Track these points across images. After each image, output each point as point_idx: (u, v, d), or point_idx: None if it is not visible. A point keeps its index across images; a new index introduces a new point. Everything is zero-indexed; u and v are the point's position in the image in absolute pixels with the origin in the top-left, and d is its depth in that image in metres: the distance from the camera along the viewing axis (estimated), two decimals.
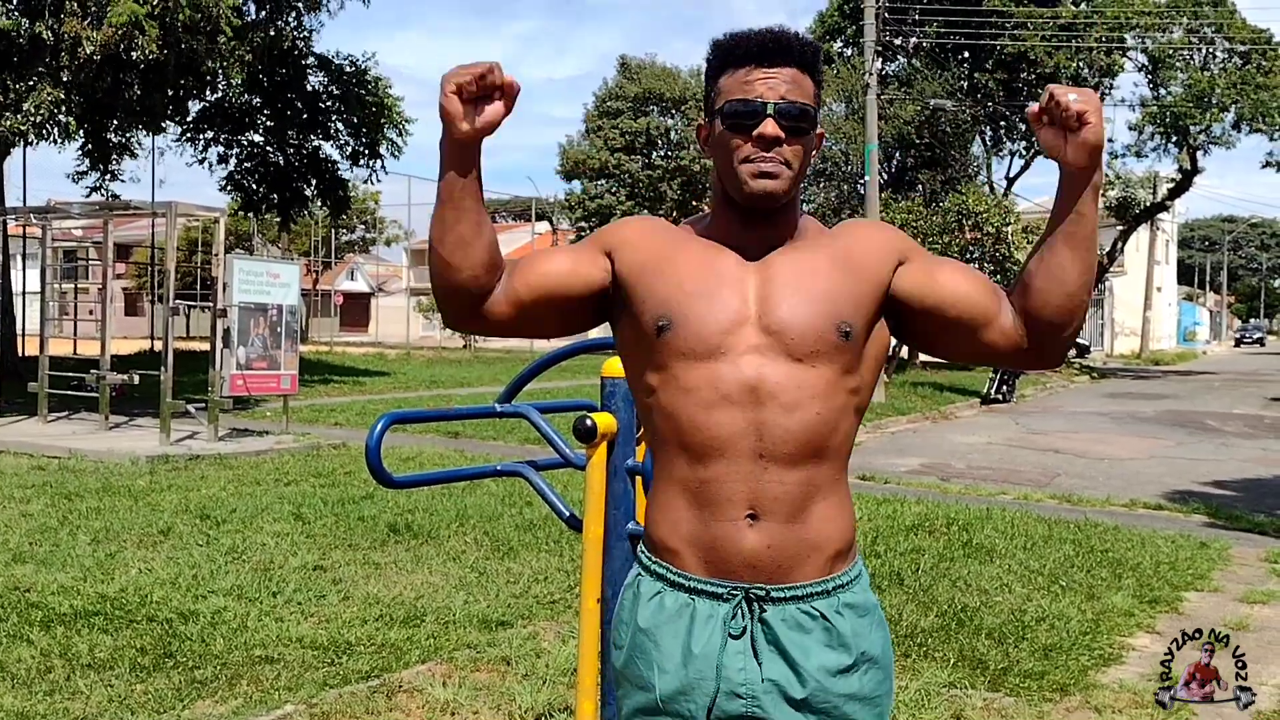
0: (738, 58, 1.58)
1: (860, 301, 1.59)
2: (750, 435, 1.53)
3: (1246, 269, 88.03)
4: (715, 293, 1.56)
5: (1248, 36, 27.74)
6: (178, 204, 11.42)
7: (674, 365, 1.57)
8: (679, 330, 1.55)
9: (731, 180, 1.58)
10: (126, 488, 8.03)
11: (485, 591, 5.30)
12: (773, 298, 1.56)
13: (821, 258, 1.60)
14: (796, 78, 1.57)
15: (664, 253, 1.62)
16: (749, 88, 1.55)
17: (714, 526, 1.55)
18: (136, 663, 4.17)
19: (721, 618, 1.55)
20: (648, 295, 1.60)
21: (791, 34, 1.59)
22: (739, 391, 1.53)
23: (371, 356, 30.38)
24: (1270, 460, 12.23)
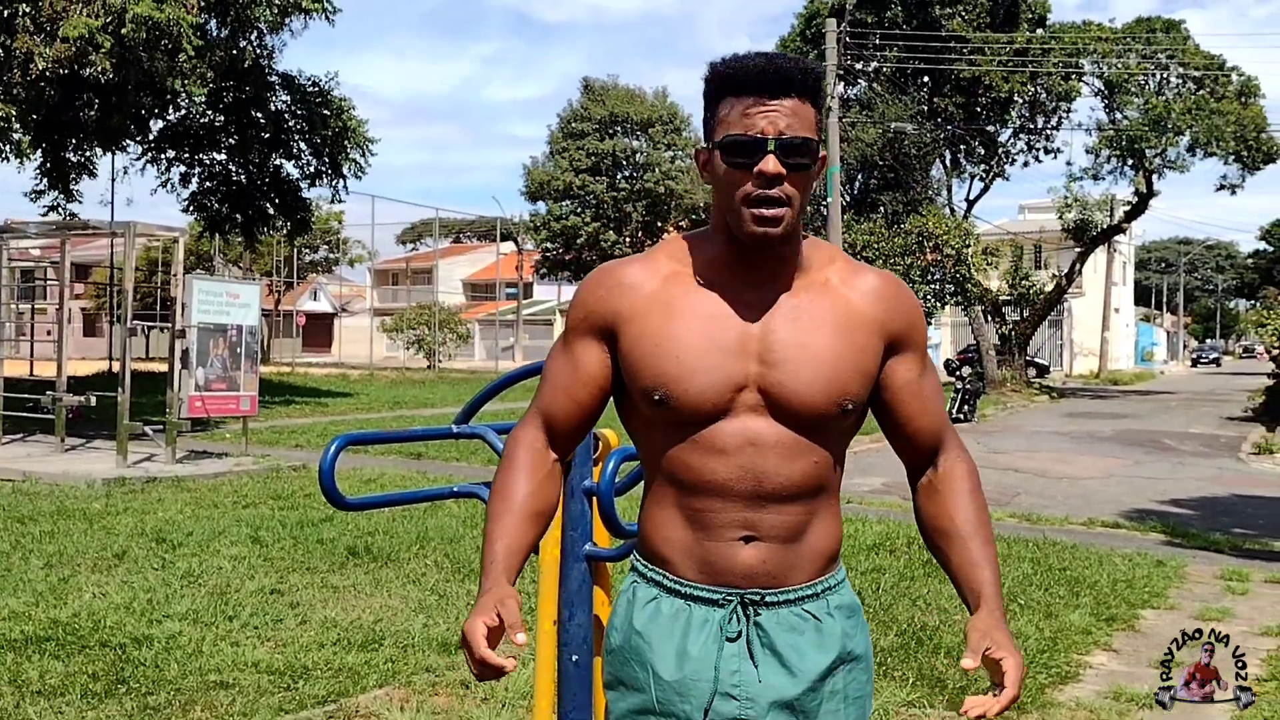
0: (738, 87, 1.53)
1: (861, 377, 1.59)
2: (748, 481, 1.55)
3: (1202, 290, 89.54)
4: (714, 364, 1.54)
5: (1201, 62, 28.35)
6: (136, 224, 11.30)
7: (670, 425, 1.57)
8: (675, 404, 1.55)
9: (732, 218, 1.54)
10: (81, 511, 7.91)
11: (445, 614, 5.26)
12: (776, 366, 1.54)
13: (825, 320, 1.58)
14: (798, 109, 1.52)
15: (660, 320, 1.57)
16: (749, 121, 1.51)
17: (709, 545, 1.57)
18: (88, 689, 4.10)
19: (717, 621, 1.57)
20: (643, 369, 1.57)
21: (793, 63, 1.55)
22: (736, 445, 1.55)
23: (334, 377, 30.15)
24: (1225, 479, 12.41)
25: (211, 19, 15.65)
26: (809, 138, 1.52)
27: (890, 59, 28.03)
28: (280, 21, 16.27)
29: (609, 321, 1.61)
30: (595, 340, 1.63)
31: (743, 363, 1.54)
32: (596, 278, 1.65)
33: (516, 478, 1.62)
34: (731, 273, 1.58)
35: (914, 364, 1.66)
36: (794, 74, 1.53)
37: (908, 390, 1.65)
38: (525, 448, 1.65)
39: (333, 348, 49.40)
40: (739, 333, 1.55)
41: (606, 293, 1.62)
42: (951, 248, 23.68)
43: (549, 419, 1.66)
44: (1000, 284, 30.66)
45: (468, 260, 63.14)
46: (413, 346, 37.51)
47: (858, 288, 1.62)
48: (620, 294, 1.61)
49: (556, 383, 1.66)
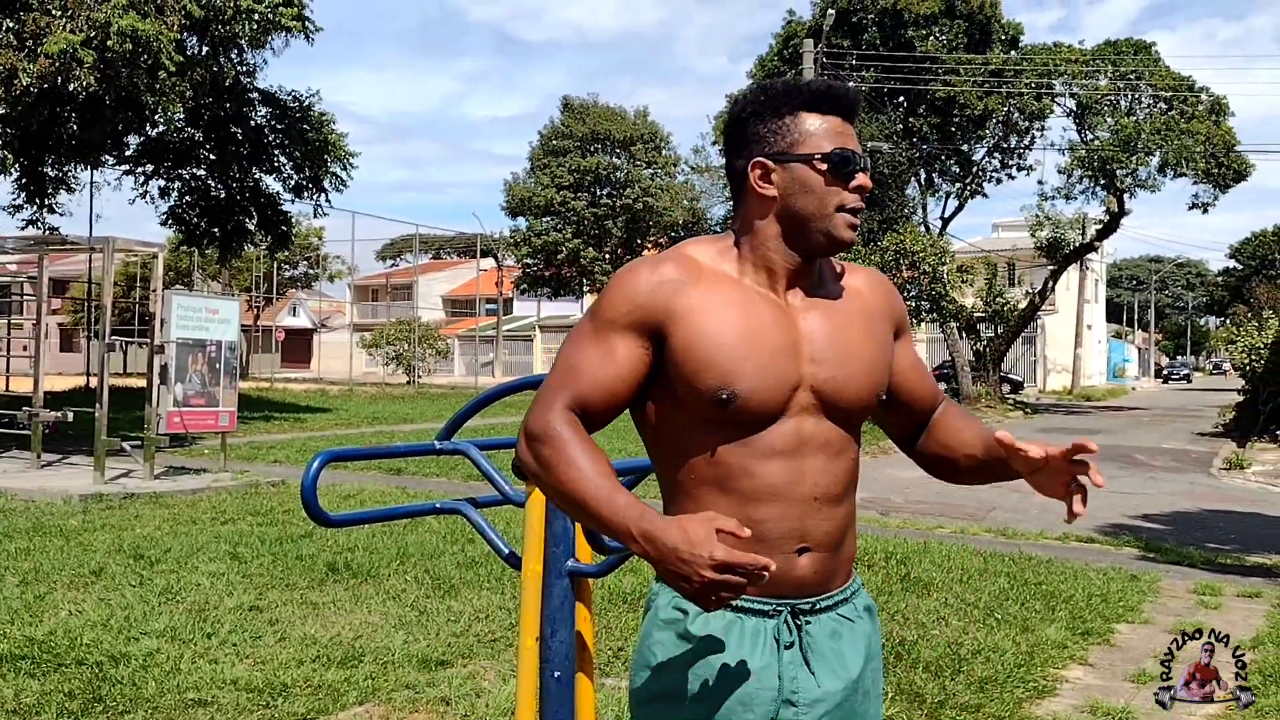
0: (826, 106, 1.63)
1: (886, 366, 1.72)
2: (805, 482, 1.60)
3: (1173, 307, 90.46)
4: (773, 364, 1.58)
5: (1171, 83, 28.73)
6: (115, 239, 11.25)
7: (730, 426, 1.58)
8: (743, 402, 1.56)
9: (821, 222, 1.61)
10: (58, 527, 7.85)
11: (425, 631, 5.25)
12: (823, 366, 1.62)
13: (851, 317, 1.68)
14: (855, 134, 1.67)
15: (718, 319, 1.58)
16: (845, 139, 1.62)
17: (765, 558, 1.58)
18: (64, 707, 4.07)
19: (770, 631, 1.60)
20: (707, 367, 1.56)
21: (860, 94, 1.72)
22: (792, 445, 1.59)
23: (313, 393, 30.01)
24: (1198, 494, 12.55)
25: (192, 36, 15.64)
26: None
27: (867, 79, 28.27)
28: (261, 39, 16.27)
29: (659, 318, 1.58)
30: (639, 336, 1.59)
31: (796, 361, 1.60)
32: (642, 273, 1.61)
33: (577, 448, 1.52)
34: (769, 277, 1.64)
35: (910, 345, 1.81)
36: (858, 105, 1.67)
37: (913, 369, 1.79)
38: (569, 424, 1.55)
39: (312, 363, 49.17)
40: (787, 332, 1.61)
41: (657, 289, 1.59)
42: (928, 265, 23.87)
43: (583, 408, 1.58)
44: (975, 301, 30.90)
45: (447, 276, 63.05)
46: (392, 362, 37.39)
47: (866, 284, 1.75)
48: (672, 291, 1.59)
49: (592, 374, 1.58)
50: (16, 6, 13.18)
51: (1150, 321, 78.17)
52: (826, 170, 1.60)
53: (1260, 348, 22.60)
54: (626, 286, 1.60)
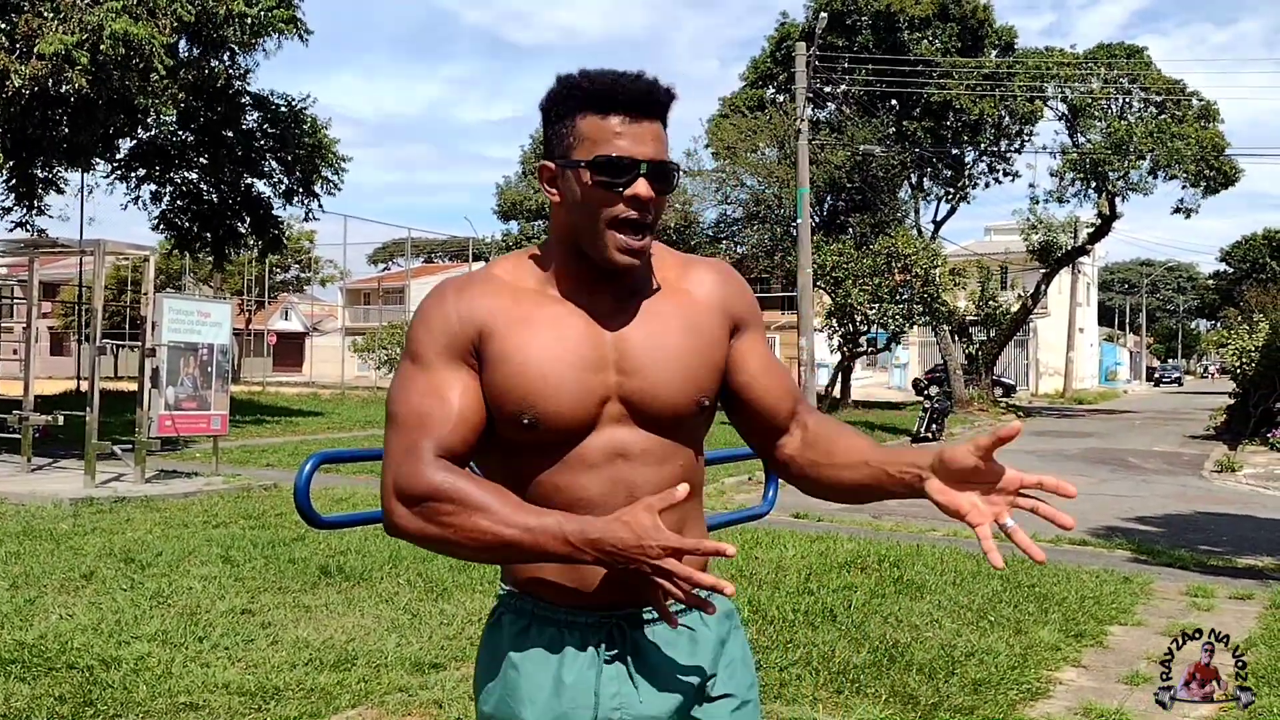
0: (604, 104, 1.47)
1: (714, 371, 1.59)
2: (619, 493, 1.51)
3: (1164, 311, 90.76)
4: (579, 380, 1.50)
5: (1163, 86, 28.85)
6: (106, 242, 11.22)
7: (539, 444, 1.52)
8: (546, 424, 1.49)
9: (591, 240, 1.50)
10: (48, 531, 7.81)
11: (418, 633, 5.24)
12: (633, 374, 1.52)
13: (674, 322, 1.56)
14: (660, 133, 1.50)
15: (520, 339, 1.50)
16: (620, 142, 1.46)
17: (581, 569, 1.50)
18: (55, 712, 4.05)
19: (592, 645, 1.53)
20: (509, 390, 1.49)
21: (661, 86, 1.50)
22: (605, 457, 1.52)
23: (305, 396, 29.94)
24: (1190, 496, 12.58)
25: (183, 38, 15.61)
26: (674, 163, 1.51)
27: (859, 82, 28.34)
28: (252, 41, 16.25)
29: (471, 340, 1.52)
30: (463, 361, 1.51)
31: (603, 374, 1.51)
32: (444, 298, 1.55)
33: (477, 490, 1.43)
34: (578, 286, 1.55)
35: (759, 342, 1.67)
36: (661, 98, 1.50)
37: (763, 369, 1.65)
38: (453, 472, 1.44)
39: (304, 367, 49.09)
40: (595, 345, 1.52)
41: (464, 312, 1.53)
42: (920, 268, 23.91)
43: (451, 451, 1.47)
44: (967, 304, 30.97)
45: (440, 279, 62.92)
46: (384, 366, 37.32)
47: (695, 280, 1.62)
48: (478, 312, 1.52)
49: (444, 416, 1.48)
50: (8, 8, 13.15)
51: (1142, 325, 78.42)
52: (594, 179, 1.46)
53: (1251, 351, 22.68)
54: (437, 317, 1.53)
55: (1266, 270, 59.52)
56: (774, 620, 5.60)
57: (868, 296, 23.59)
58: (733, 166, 27.41)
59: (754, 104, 29.51)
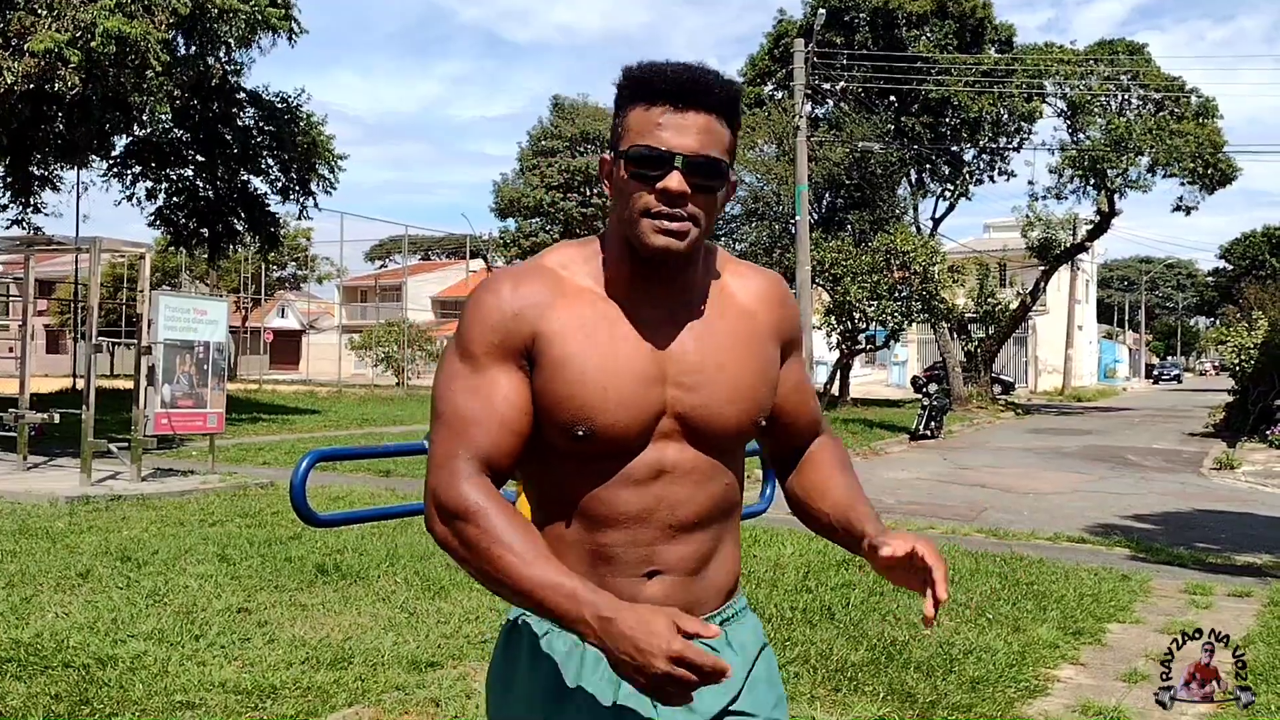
0: (650, 94, 1.43)
1: (771, 390, 1.56)
2: (660, 510, 1.47)
3: (1163, 308, 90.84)
4: (634, 394, 1.45)
5: (1162, 84, 28.83)
6: (102, 239, 11.20)
7: (584, 455, 1.47)
8: (600, 436, 1.44)
9: (631, 229, 1.44)
10: (44, 529, 7.79)
11: (415, 632, 5.22)
12: (692, 389, 1.47)
13: (732, 335, 1.52)
14: (710, 125, 1.43)
15: (579, 346, 1.45)
16: (658, 133, 1.41)
17: (610, 582, 1.46)
18: (51, 710, 4.04)
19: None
20: (566, 399, 1.44)
21: (712, 75, 1.44)
22: (650, 474, 1.47)
23: (302, 394, 29.91)
24: (1188, 494, 12.58)
25: (179, 35, 15.58)
26: (719, 158, 1.43)
27: (858, 79, 28.32)
28: (248, 38, 16.23)
29: (526, 343, 1.46)
30: (514, 363, 1.46)
31: (659, 389, 1.46)
32: (502, 293, 1.48)
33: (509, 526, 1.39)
34: (634, 290, 1.49)
35: (800, 364, 1.66)
36: (712, 87, 1.43)
37: (797, 390, 1.64)
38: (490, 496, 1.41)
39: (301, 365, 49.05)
40: (652, 357, 1.47)
41: (521, 310, 1.47)
42: (919, 265, 23.90)
43: (489, 463, 1.44)
44: (966, 302, 30.96)
45: (437, 278, 62.95)
46: (381, 364, 37.31)
47: (754, 294, 1.57)
48: (533, 311, 1.46)
49: (487, 419, 1.44)
50: (2, 6, 13.12)
51: (1141, 322, 78.47)
52: (628, 170, 1.42)
53: (1250, 348, 22.69)
54: (490, 311, 1.47)
55: (1266, 267, 59.53)
56: (772, 618, 5.59)
57: (866, 294, 23.59)
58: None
59: (752, 101, 29.49)
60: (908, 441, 19.31)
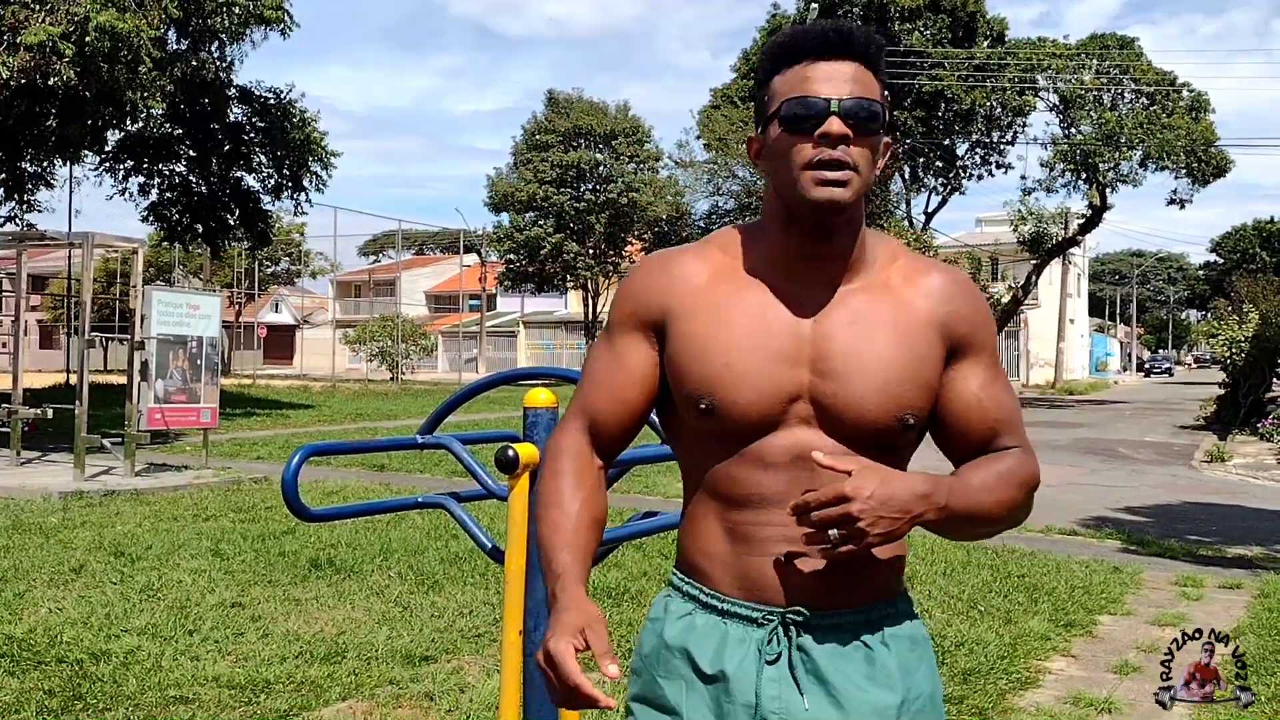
0: (793, 54, 1.41)
1: (922, 389, 1.46)
2: (795, 495, 1.39)
3: (1154, 301, 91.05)
4: (765, 369, 1.42)
5: (1154, 78, 28.89)
6: (95, 235, 11.16)
7: (716, 433, 1.46)
8: (723, 413, 1.43)
9: (791, 190, 1.40)
10: (37, 525, 7.79)
11: (409, 626, 5.24)
12: (830, 376, 1.42)
13: (883, 325, 1.45)
14: (860, 74, 1.39)
15: (709, 320, 1.45)
16: (808, 84, 1.38)
17: (750, 560, 1.45)
18: (44, 705, 4.04)
19: (756, 642, 1.43)
20: (689, 373, 1.45)
21: (855, 26, 1.42)
22: (785, 457, 1.43)
23: (296, 389, 29.88)
24: (1180, 486, 12.62)
25: (171, 29, 15.53)
26: (875, 100, 1.40)
27: None
28: (240, 32, 16.18)
29: (658, 317, 1.49)
30: (643, 336, 1.51)
31: (795, 370, 1.42)
32: (646, 268, 1.54)
33: (565, 484, 1.49)
34: (787, 269, 1.46)
35: (977, 371, 1.50)
36: (855, 36, 1.40)
37: (974, 402, 1.49)
38: (570, 454, 1.52)
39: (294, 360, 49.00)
40: (792, 337, 1.43)
41: (656, 285, 1.50)
42: None
43: (593, 422, 1.53)
44: None
45: (431, 272, 62.89)
46: (376, 359, 37.28)
47: (921, 287, 1.49)
48: (671, 287, 1.49)
49: (601, 382, 1.53)
50: None
51: (1132, 315, 78.65)
52: (783, 127, 1.40)
53: (1241, 341, 22.76)
54: (631, 285, 1.54)
55: (1256, 261, 59.71)
56: None
57: None
58: (724, 158, 27.42)
59: (746, 95, 29.48)
60: None
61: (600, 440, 1.54)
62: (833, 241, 1.44)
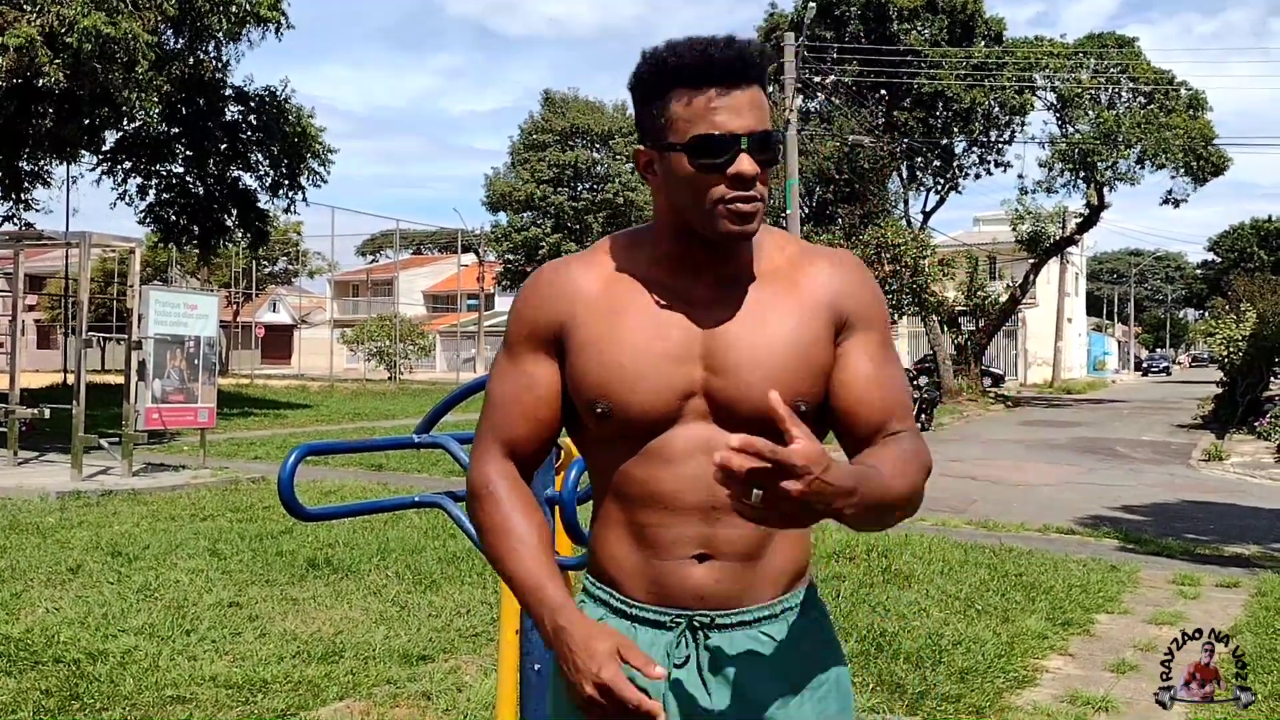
0: (694, 77, 1.38)
1: (814, 374, 1.46)
2: (700, 491, 1.42)
3: (1152, 300, 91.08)
4: (660, 370, 1.43)
5: (1151, 77, 28.88)
6: (92, 234, 11.15)
7: (615, 435, 1.47)
8: (620, 414, 1.44)
9: (702, 221, 1.42)
10: (35, 525, 7.78)
11: (406, 626, 5.23)
12: (722, 370, 1.44)
13: (774, 316, 1.46)
14: (757, 98, 1.40)
15: (604, 327, 1.47)
16: (716, 118, 1.37)
17: (658, 565, 1.46)
18: (41, 705, 4.04)
19: (664, 646, 1.46)
20: (585, 379, 1.46)
21: (750, 48, 1.40)
22: (687, 454, 1.44)
23: (293, 389, 29.86)
24: (1177, 485, 12.63)
25: (168, 29, 15.50)
26: (774, 130, 1.43)
27: (849, 72, 28.31)
28: (237, 31, 16.16)
29: (555, 330, 1.49)
30: (544, 353, 1.51)
31: (688, 367, 1.44)
32: (535, 284, 1.54)
33: (512, 511, 1.47)
34: (677, 273, 1.48)
35: (868, 349, 1.50)
36: (753, 60, 1.40)
37: (862, 380, 1.49)
38: (505, 480, 1.50)
39: (292, 359, 48.95)
40: (684, 335, 1.45)
41: (550, 299, 1.51)
42: (909, 259, 23.92)
43: (511, 448, 1.52)
44: (956, 295, 31.01)
45: (429, 272, 62.85)
46: (374, 358, 37.26)
47: (809, 273, 1.51)
48: (563, 299, 1.50)
49: (510, 406, 1.52)
50: None
51: (1130, 314, 78.66)
52: (693, 162, 1.39)
53: (1238, 340, 22.77)
54: (524, 302, 1.53)
55: (1254, 259, 59.76)
56: None
57: None
58: None
59: None
60: None
61: (520, 462, 1.53)
62: (730, 251, 1.47)
